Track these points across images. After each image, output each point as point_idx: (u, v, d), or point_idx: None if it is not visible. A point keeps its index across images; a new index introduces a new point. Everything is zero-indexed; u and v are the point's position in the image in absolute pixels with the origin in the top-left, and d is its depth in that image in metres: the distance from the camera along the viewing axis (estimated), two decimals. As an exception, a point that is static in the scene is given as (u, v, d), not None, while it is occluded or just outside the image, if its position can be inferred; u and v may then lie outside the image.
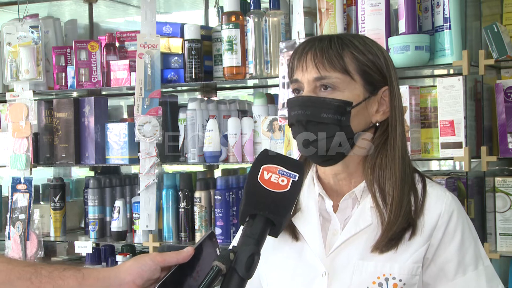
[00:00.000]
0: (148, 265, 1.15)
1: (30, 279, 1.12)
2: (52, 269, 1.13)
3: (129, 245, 3.04)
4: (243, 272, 1.07)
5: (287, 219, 1.17)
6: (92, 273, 1.15)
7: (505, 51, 2.32)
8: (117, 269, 1.15)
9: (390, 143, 1.44)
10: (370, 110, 1.44)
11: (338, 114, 1.39)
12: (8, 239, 3.11)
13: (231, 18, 2.71)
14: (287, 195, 1.16)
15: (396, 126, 1.45)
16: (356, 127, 1.42)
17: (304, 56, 1.43)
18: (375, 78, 1.44)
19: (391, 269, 1.39)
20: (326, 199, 1.48)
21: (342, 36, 1.45)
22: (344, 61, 1.40)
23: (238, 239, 1.13)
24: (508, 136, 2.38)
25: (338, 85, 1.40)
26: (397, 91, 1.47)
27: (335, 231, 1.45)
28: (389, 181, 1.41)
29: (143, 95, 2.80)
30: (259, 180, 1.17)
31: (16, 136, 3.09)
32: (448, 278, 1.41)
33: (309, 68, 1.42)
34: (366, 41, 1.46)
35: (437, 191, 1.45)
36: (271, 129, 2.67)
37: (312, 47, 1.43)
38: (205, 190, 2.83)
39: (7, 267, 1.13)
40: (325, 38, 1.44)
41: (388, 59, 1.47)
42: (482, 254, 1.45)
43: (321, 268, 1.42)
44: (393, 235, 1.38)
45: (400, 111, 1.47)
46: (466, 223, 1.44)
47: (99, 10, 3.62)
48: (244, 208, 1.15)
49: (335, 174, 1.48)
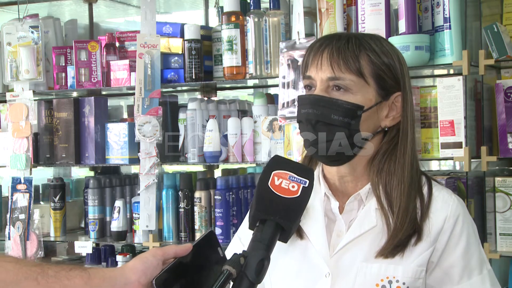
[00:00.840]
0: (150, 262, 1.15)
1: (36, 279, 1.12)
2: (58, 269, 1.14)
3: (129, 245, 3.04)
4: (253, 277, 1.08)
5: (297, 224, 1.18)
6: (98, 273, 1.15)
7: (505, 51, 2.32)
8: (122, 269, 1.16)
9: (400, 149, 1.43)
10: (381, 114, 1.43)
11: (349, 117, 1.38)
12: (8, 239, 3.11)
13: (231, 18, 2.71)
14: (297, 201, 1.16)
15: (407, 133, 1.44)
16: (365, 131, 1.41)
17: (320, 54, 1.41)
18: (389, 83, 1.42)
19: (395, 271, 1.38)
20: (332, 200, 1.47)
21: (360, 37, 1.43)
22: (360, 63, 1.39)
23: (249, 243, 1.13)
24: (508, 136, 2.38)
25: (351, 87, 1.39)
26: (410, 97, 1.45)
27: (340, 232, 1.45)
28: (397, 188, 1.40)
29: (143, 95, 2.80)
30: (270, 185, 1.17)
31: (16, 136, 3.09)
32: (453, 282, 1.40)
33: (324, 67, 1.40)
34: (383, 43, 1.45)
35: (443, 194, 1.44)
36: (271, 129, 2.67)
37: (329, 45, 1.41)
38: (205, 190, 2.83)
39: (14, 267, 1.13)
40: (343, 37, 1.42)
41: (403, 64, 1.45)
42: (485, 258, 1.45)
43: (324, 269, 1.42)
44: (398, 242, 1.38)
45: (412, 117, 1.46)
46: (471, 228, 1.44)
47: (99, 10, 3.62)
48: (255, 213, 1.15)
49: (341, 177, 1.47)
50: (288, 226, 1.14)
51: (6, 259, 1.16)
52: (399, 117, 1.45)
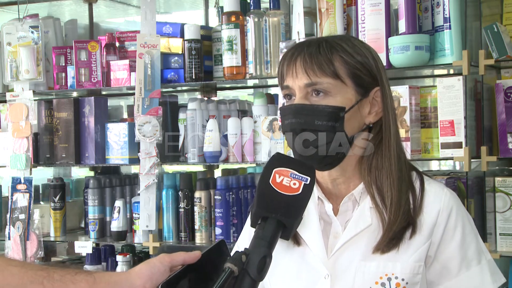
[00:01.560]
0: (157, 268, 1.15)
1: (42, 283, 1.13)
2: (64, 273, 1.15)
3: (129, 245, 3.04)
4: (255, 274, 1.07)
5: (298, 221, 1.18)
6: (104, 277, 1.15)
7: (505, 51, 2.32)
8: (128, 273, 1.16)
9: (385, 143, 1.44)
10: (363, 112, 1.44)
11: (332, 121, 1.39)
12: (8, 239, 3.11)
13: (231, 18, 2.71)
14: (298, 198, 1.16)
15: (390, 126, 1.45)
16: (350, 130, 1.42)
17: (293, 62, 1.42)
18: (366, 80, 1.43)
19: (394, 268, 1.39)
20: (326, 203, 1.48)
21: (330, 40, 1.44)
22: (334, 65, 1.40)
23: (250, 241, 1.13)
24: (508, 136, 2.39)
25: (330, 90, 1.40)
26: (388, 90, 1.46)
27: (336, 234, 1.45)
28: (386, 182, 1.41)
29: (143, 95, 2.80)
30: (271, 183, 1.17)
31: (16, 136, 3.09)
32: (452, 274, 1.41)
33: (300, 75, 1.41)
34: (354, 42, 1.45)
35: (435, 188, 1.45)
36: (271, 129, 2.67)
37: (301, 53, 1.42)
38: (205, 190, 2.83)
39: (20, 271, 1.14)
40: (313, 43, 1.43)
41: (377, 59, 1.46)
42: (483, 248, 1.45)
43: (323, 271, 1.42)
44: (393, 235, 1.38)
45: (393, 110, 1.47)
46: (466, 219, 1.44)
47: (99, 10, 3.62)
48: (256, 211, 1.15)
49: (333, 180, 1.48)
50: (289, 223, 1.14)
51: (12, 262, 1.16)
52: (381, 112, 1.45)
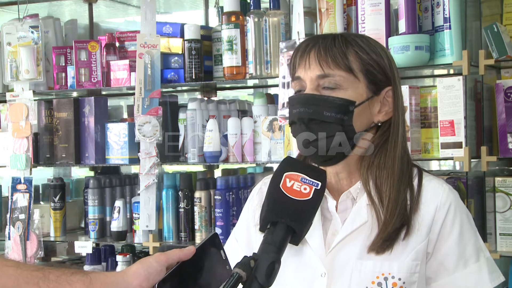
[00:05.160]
0: (153, 267, 1.15)
1: (38, 284, 1.12)
2: (60, 274, 1.14)
3: (129, 245, 3.04)
4: (263, 280, 1.07)
5: (309, 227, 1.16)
6: (99, 277, 1.15)
7: (505, 51, 2.32)
8: (124, 273, 1.16)
9: (391, 142, 1.43)
10: (373, 110, 1.44)
11: (341, 113, 1.38)
12: (8, 239, 3.10)
13: (231, 18, 2.71)
14: (309, 203, 1.15)
15: (398, 127, 1.44)
16: (358, 127, 1.41)
17: (307, 54, 1.42)
18: (379, 78, 1.43)
19: (390, 268, 1.38)
20: (330, 199, 1.47)
21: (345, 35, 1.44)
22: (348, 59, 1.39)
23: (259, 246, 1.12)
24: (508, 136, 2.38)
25: (341, 83, 1.39)
26: (400, 91, 1.47)
27: (335, 231, 1.44)
28: (386, 181, 1.41)
29: (143, 95, 2.80)
30: (282, 187, 1.16)
31: (16, 136, 3.09)
32: (449, 271, 1.40)
33: (312, 66, 1.40)
34: (370, 40, 1.46)
35: (434, 184, 1.44)
36: (271, 129, 2.67)
37: (316, 45, 1.42)
38: (205, 190, 2.83)
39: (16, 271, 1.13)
40: (329, 36, 1.43)
41: (391, 60, 1.47)
42: (482, 246, 1.44)
43: (320, 269, 1.41)
44: (387, 236, 1.37)
45: (402, 111, 1.47)
46: (465, 216, 1.43)
47: (99, 10, 3.62)
48: (266, 215, 1.14)
49: (336, 173, 1.47)
50: (299, 229, 1.13)
51: (7, 263, 1.15)
52: (391, 112, 1.45)
